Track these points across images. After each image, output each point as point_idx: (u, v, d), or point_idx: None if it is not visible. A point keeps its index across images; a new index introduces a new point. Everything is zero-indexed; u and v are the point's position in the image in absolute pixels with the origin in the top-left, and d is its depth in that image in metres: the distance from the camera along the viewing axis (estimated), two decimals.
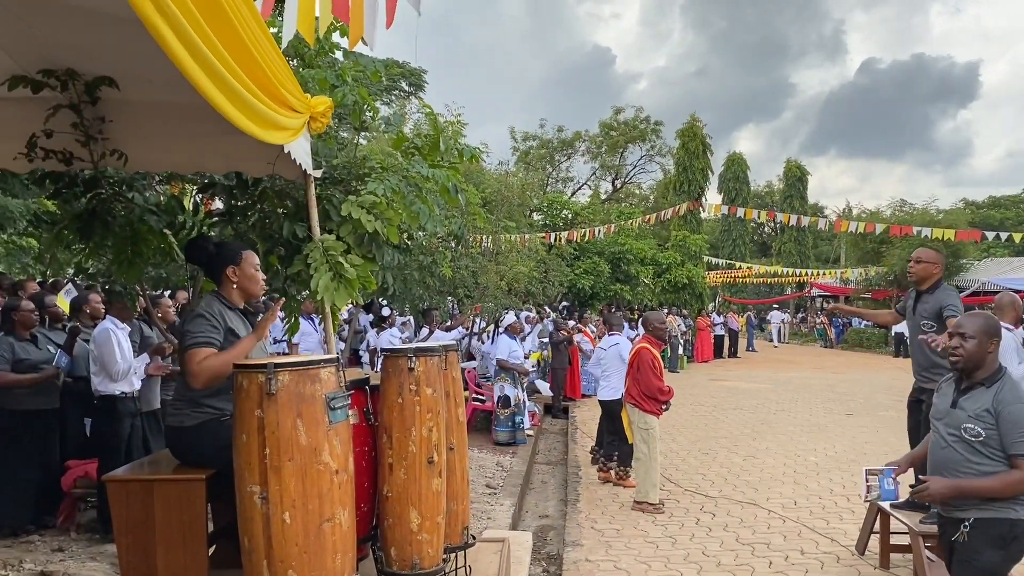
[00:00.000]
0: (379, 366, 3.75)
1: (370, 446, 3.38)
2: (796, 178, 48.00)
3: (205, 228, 5.25)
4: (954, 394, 3.59)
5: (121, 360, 5.67)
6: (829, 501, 7.52)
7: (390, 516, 3.24)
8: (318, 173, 4.81)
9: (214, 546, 3.91)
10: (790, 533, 6.51)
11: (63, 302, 7.09)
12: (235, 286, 3.55)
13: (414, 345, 3.46)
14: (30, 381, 5.65)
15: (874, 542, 5.81)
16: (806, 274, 39.35)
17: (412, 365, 3.28)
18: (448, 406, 3.57)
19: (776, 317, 39.50)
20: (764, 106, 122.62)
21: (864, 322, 36.43)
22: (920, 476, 3.63)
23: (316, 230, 4.74)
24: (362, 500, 3.31)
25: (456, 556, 3.60)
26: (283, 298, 3.62)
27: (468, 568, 3.75)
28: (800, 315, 47.66)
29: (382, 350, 3.70)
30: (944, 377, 3.87)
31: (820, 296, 45.78)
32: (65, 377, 5.97)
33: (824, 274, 38.75)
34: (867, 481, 4.12)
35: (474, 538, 3.71)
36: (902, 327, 6.19)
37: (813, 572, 5.58)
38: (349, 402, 3.02)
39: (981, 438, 3.35)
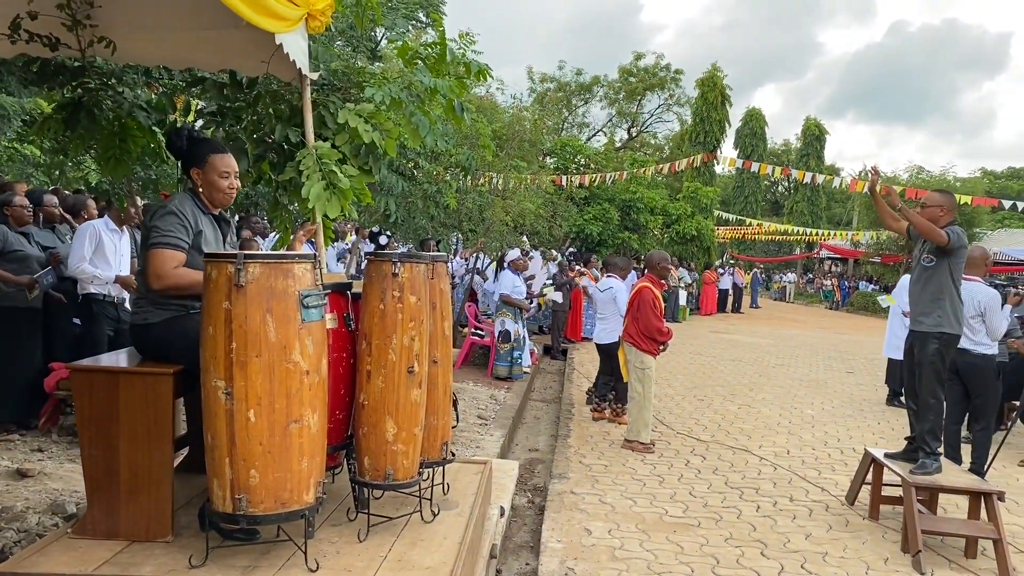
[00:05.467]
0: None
1: (349, 353, 3.23)
2: (814, 136, 47.25)
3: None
4: None
5: (83, 257, 5.57)
6: (823, 452, 7.43)
7: (365, 424, 3.11)
8: (315, 76, 4.60)
9: (187, 449, 3.83)
10: (780, 480, 6.42)
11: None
12: (200, 188, 3.33)
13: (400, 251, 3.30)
14: (7, 279, 5.49)
15: (865, 494, 5.72)
16: (816, 234, 38.92)
17: (396, 271, 3.11)
18: (434, 318, 3.41)
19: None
20: (788, 64, 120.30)
21: (872, 286, 36.21)
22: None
23: (310, 136, 4.55)
24: (337, 407, 3.19)
25: (433, 472, 3.49)
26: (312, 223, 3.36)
27: (445, 485, 3.65)
28: (807, 276, 47.36)
29: (366, 254, 3.53)
30: None
31: (829, 258, 45.43)
32: (51, 285, 5.83)
33: (835, 235, 38.34)
34: None
35: (453, 454, 3.59)
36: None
37: (801, 519, 5.50)
38: (325, 302, 2.87)
39: None
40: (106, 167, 4.86)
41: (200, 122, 5.09)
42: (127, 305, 5.91)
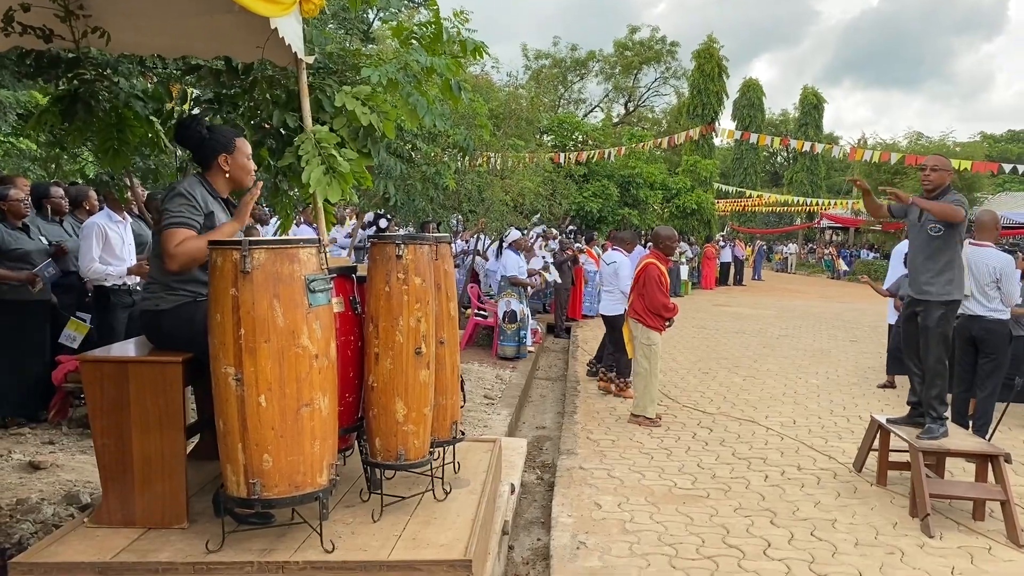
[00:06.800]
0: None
1: (356, 336, 3.24)
2: (812, 106, 46.93)
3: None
4: None
5: (92, 258, 5.58)
6: (829, 421, 7.46)
7: (375, 406, 3.13)
8: (310, 59, 4.57)
9: (198, 436, 3.86)
10: (787, 450, 6.46)
11: None
12: (227, 175, 3.37)
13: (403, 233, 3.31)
14: (7, 277, 5.49)
15: (872, 460, 5.75)
16: (817, 204, 38.80)
17: (400, 253, 3.11)
18: (439, 299, 3.42)
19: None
20: (784, 34, 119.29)
21: (873, 254, 36.20)
22: None
23: (308, 120, 4.53)
24: (347, 390, 3.21)
25: (444, 451, 3.51)
26: (261, 181, 3.44)
27: (456, 464, 3.67)
28: (809, 246, 47.27)
29: (368, 237, 3.53)
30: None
31: (830, 227, 45.29)
32: (54, 278, 5.83)
33: (835, 204, 38.21)
34: None
35: (463, 433, 3.61)
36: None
37: (809, 487, 5.53)
38: (331, 286, 2.88)
39: None
40: (105, 159, 4.85)
41: (197, 110, 5.07)
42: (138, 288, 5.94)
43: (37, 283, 5.56)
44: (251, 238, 2.72)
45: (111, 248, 5.74)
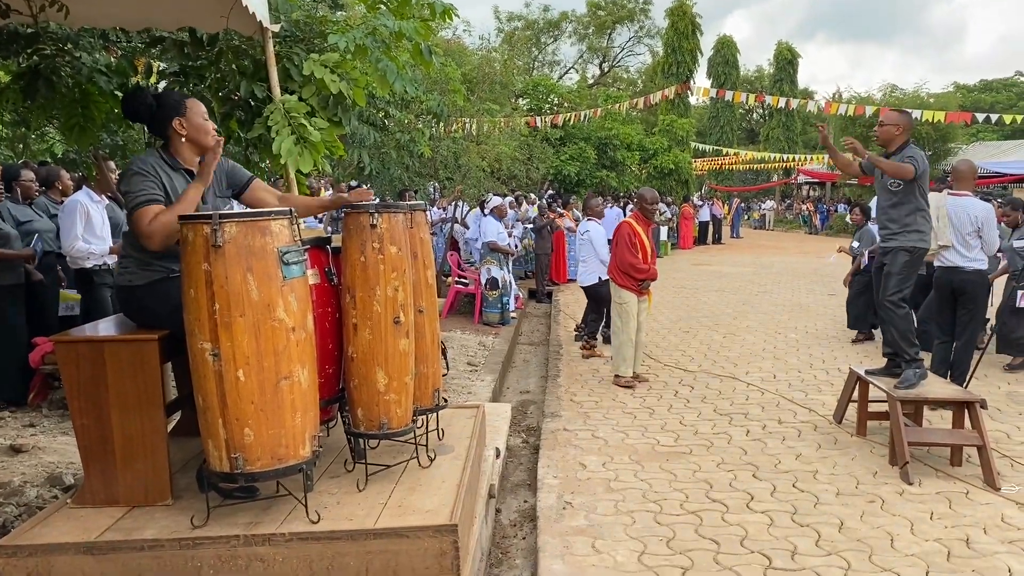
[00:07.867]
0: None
1: (333, 307, 3.22)
2: (786, 61, 46.72)
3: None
4: None
5: (76, 236, 5.52)
6: (808, 375, 7.55)
7: (356, 377, 3.12)
8: (276, 28, 4.50)
9: (179, 413, 3.84)
10: (768, 404, 6.53)
11: None
12: (184, 140, 3.25)
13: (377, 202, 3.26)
14: (9, 256, 5.45)
15: (851, 412, 5.83)
16: (793, 160, 38.86)
17: (375, 222, 3.09)
18: (416, 267, 3.40)
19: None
20: None
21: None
22: None
23: (276, 90, 4.47)
24: (327, 362, 3.19)
25: (427, 419, 3.52)
26: (223, 137, 3.32)
27: (440, 431, 3.68)
28: (786, 202, 47.44)
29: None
30: None
31: (807, 183, 45.43)
32: (40, 254, 5.79)
33: (811, 159, 38.28)
34: None
35: (446, 400, 3.61)
36: None
37: (790, 440, 5.61)
38: (306, 258, 2.85)
39: None
40: (71, 136, 4.77)
41: (163, 83, 4.98)
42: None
43: (34, 259, 5.58)
44: (221, 211, 2.68)
45: (92, 227, 5.68)
